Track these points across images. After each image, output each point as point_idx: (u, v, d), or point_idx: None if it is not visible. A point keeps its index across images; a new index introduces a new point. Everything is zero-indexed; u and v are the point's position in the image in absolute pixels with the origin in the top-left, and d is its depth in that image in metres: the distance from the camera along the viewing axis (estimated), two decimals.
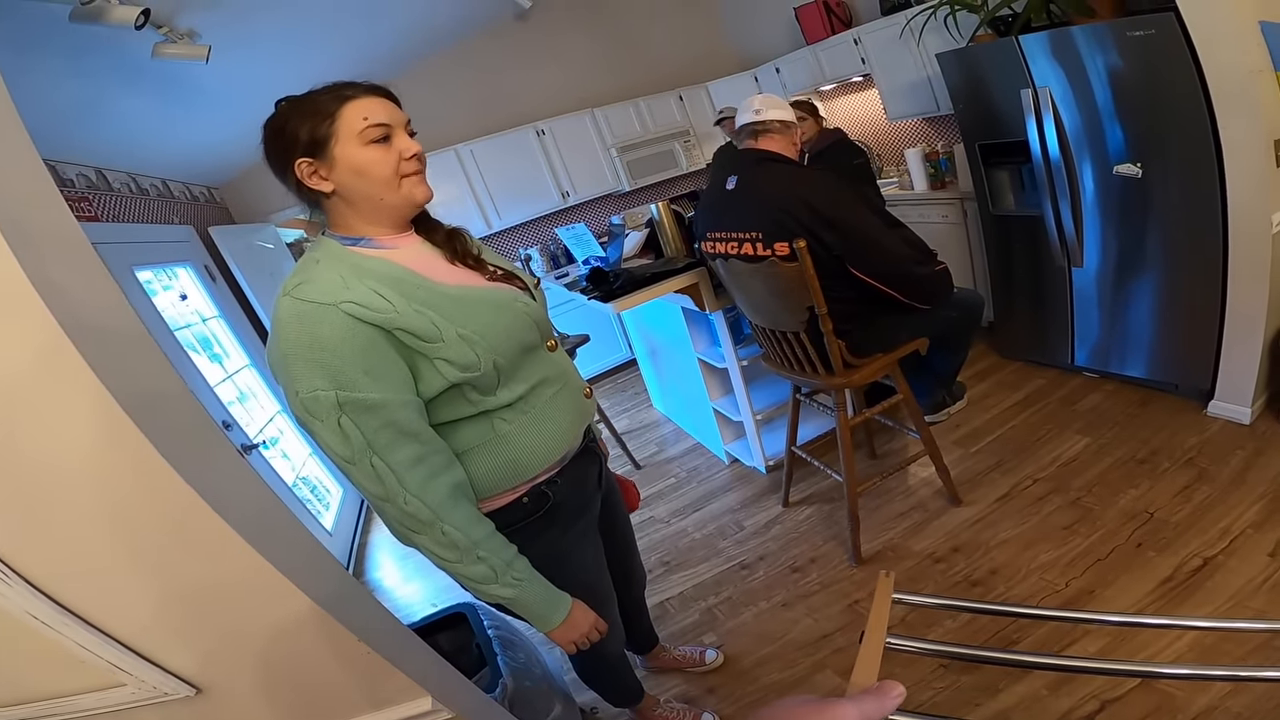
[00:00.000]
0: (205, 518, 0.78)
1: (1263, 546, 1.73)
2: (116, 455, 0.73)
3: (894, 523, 2.26)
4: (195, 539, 0.80)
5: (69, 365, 0.68)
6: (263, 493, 0.94)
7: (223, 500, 0.80)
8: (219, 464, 0.88)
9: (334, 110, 0.92)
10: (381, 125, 0.94)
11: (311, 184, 0.94)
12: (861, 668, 0.57)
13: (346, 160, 0.93)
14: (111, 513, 0.77)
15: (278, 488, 2.86)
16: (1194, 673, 0.73)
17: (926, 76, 3.41)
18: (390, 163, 0.94)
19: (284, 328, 0.86)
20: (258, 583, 0.84)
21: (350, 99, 0.93)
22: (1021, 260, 2.84)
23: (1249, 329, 2.12)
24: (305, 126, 0.92)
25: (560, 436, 1.10)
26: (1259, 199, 1.96)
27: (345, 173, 0.94)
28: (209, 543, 0.80)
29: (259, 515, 0.90)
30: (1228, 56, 1.86)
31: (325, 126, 0.92)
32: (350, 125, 0.92)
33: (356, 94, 0.94)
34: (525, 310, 1.04)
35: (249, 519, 0.84)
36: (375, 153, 0.93)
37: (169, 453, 0.74)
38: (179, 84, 2.53)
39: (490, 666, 1.54)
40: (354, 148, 0.92)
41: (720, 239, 2.01)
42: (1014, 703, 1.50)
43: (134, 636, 0.84)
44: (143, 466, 0.74)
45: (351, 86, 0.95)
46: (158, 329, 2.51)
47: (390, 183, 0.95)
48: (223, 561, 0.82)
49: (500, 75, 4.55)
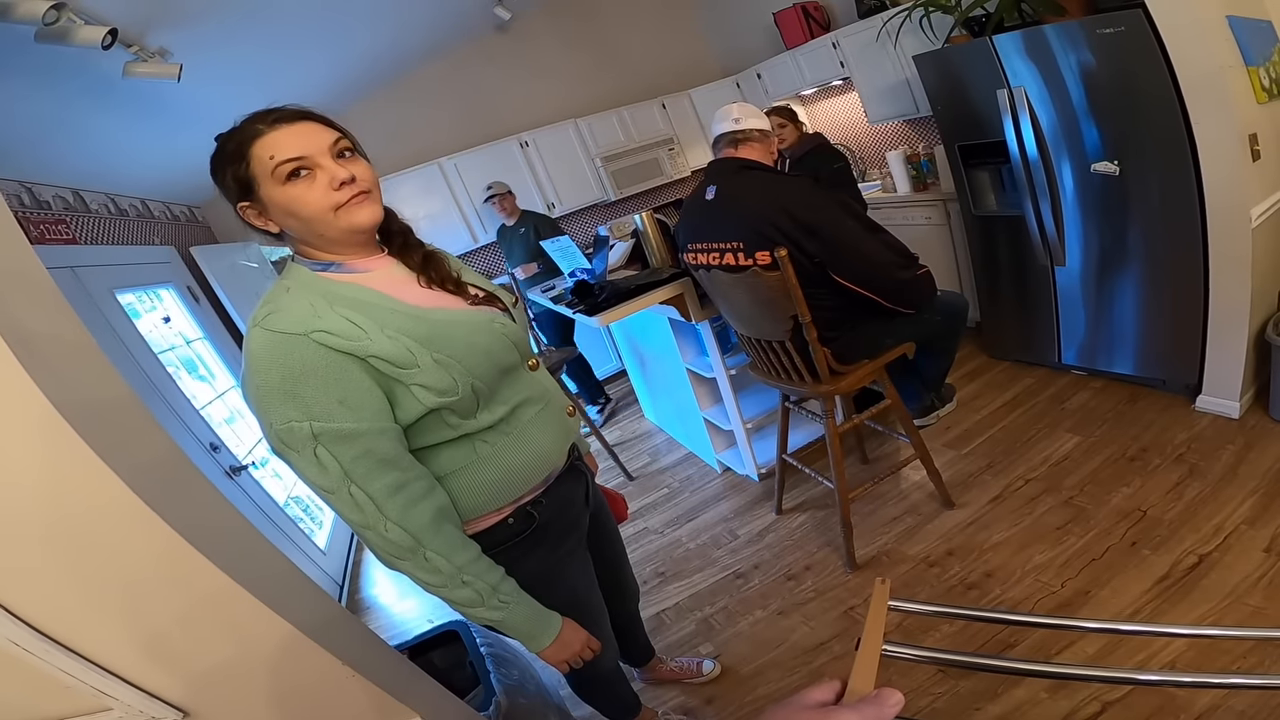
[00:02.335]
0: (179, 547, 0.78)
1: (1257, 543, 1.72)
2: (74, 478, 0.73)
3: (887, 527, 2.25)
4: (171, 569, 0.80)
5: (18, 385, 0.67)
6: (238, 522, 0.94)
7: (195, 529, 0.80)
8: (192, 495, 0.88)
9: (246, 152, 0.87)
10: (291, 160, 0.86)
11: (259, 225, 0.92)
12: (859, 675, 0.56)
13: (273, 202, 0.88)
14: (80, 542, 0.77)
15: (269, 508, 2.83)
16: (1191, 680, 0.73)
17: (905, 79, 3.43)
18: (316, 197, 0.88)
19: (255, 360, 0.84)
20: (236, 609, 0.84)
21: (258, 136, 0.86)
22: (1005, 260, 2.85)
23: (1233, 323, 2.13)
24: (228, 171, 0.88)
25: (544, 456, 1.09)
26: (1236, 194, 1.97)
27: (278, 214, 0.90)
28: (185, 572, 0.80)
29: (234, 543, 0.90)
30: (1197, 52, 1.87)
31: (243, 170, 0.87)
32: (262, 165, 0.86)
33: (265, 129, 0.87)
34: (503, 331, 1.03)
35: (223, 547, 0.84)
36: (296, 189, 0.87)
37: (138, 486, 0.74)
38: (153, 103, 2.51)
39: (484, 684, 1.52)
40: (274, 188, 0.87)
41: (702, 250, 2.00)
42: (1013, 706, 1.49)
43: (117, 662, 0.83)
44: (110, 499, 0.74)
45: (265, 116, 0.88)
46: (140, 353, 2.48)
47: (321, 217, 0.89)
48: (197, 588, 0.82)
49: (482, 88, 4.56)
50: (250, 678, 0.92)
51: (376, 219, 0.95)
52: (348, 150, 0.94)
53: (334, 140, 0.91)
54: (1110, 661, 1.52)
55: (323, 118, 0.93)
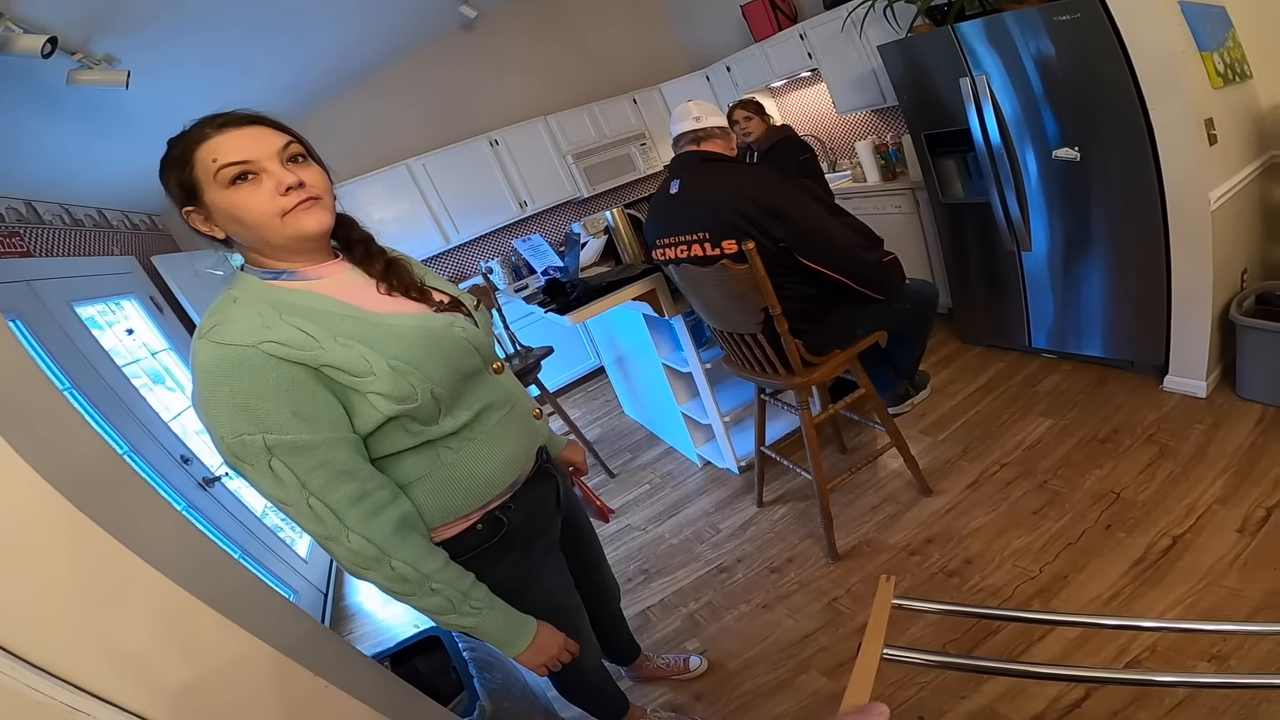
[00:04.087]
0: (135, 566, 0.78)
1: (1230, 523, 1.75)
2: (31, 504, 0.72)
3: (867, 517, 2.27)
4: (128, 589, 0.80)
5: None
6: (196, 539, 0.92)
7: (151, 548, 0.80)
8: (147, 515, 0.86)
9: (189, 156, 0.85)
10: (235, 164, 0.84)
11: (205, 231, 0.90)
12: (855, 686, 0.55)
13: (218, 207, 0.86)
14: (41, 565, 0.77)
15: (246, 518, 2.78)
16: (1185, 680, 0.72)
17: (872, 69, 3.45)
18: (260, 202, 0.86)
19: (202, 373, 0.82)
20: (198, 625, 0.84)
21: (203, 140, 0.85)
22: (974, 246, 2.88)
23: (1196, 304, 2.17)
24: (173, 176, 0.86)
25: (510, 461, 1.08)
26: (1195, 177, 2.00)
27: (223, 219, 0.88)
28: (140, 591, 0.80)
29: (192, 559, 0.90)
30: (1151, 38, 1.90)
31: (188, 174, 0.85)
32: (206, 170, 0.85)
33: (212, 133, 0.85)
34: (463, 335, 1.00)
35: (178, 563, 0.84)
36: (241, 194, 0.85)
37: (88, 507, 0.74)
38: (104, 110, 2.43)
39: (467, 689, 1.51)
40: (219, 193, 0.85)
41: (670, 244, 2.00)
42: (1000, 693, 1.50)
43: (85, 679, 0.82)
44: (62, 519, 0.74)
45: (212, 121, 0.86)
46: (104, 366, 2.41)
47: (267, 223, 0.87)
48: (159, 607, 0.82)
49: (449, 87, 4.50)
50: (223, 692, 0.90)
51: (325, 225, 0.93)
52: (300, 156, 0.92)
53: (284, 144, 0.89)
54: (1090, 646, 1.53)
55: (274, 122, 0.91)
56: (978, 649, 1.64)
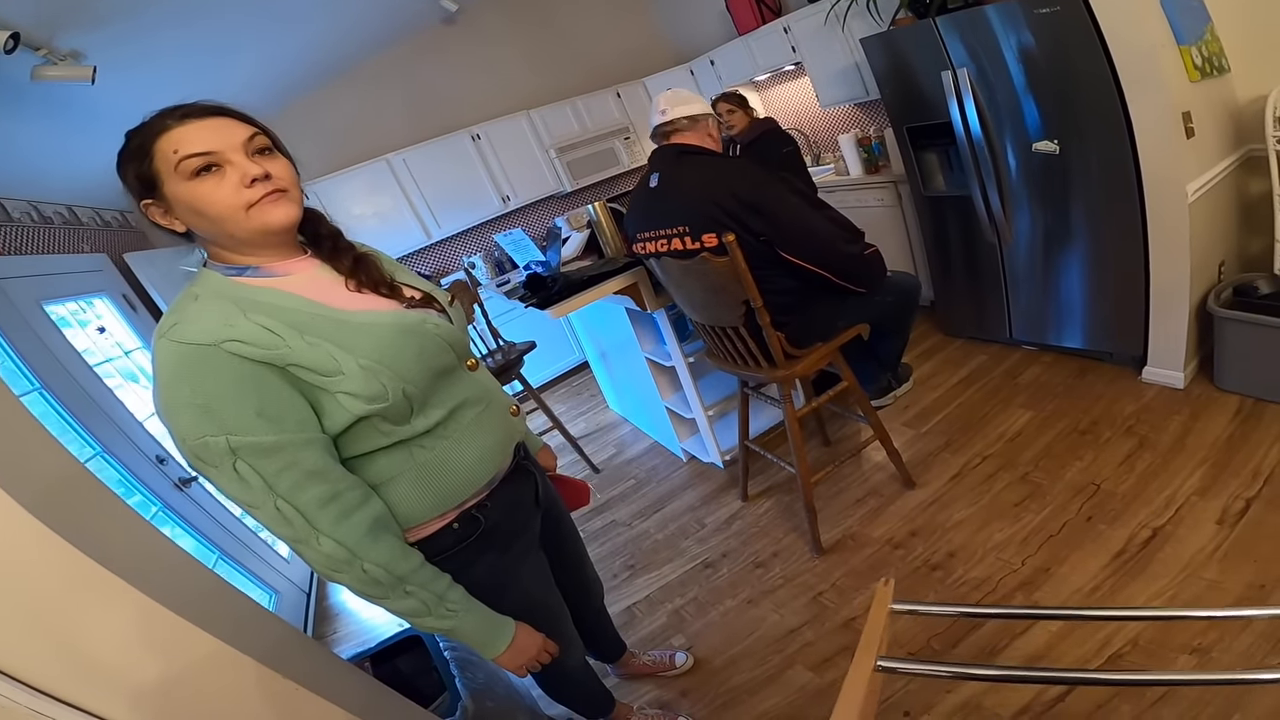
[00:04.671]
0: (95, 572, 0.77)
1: (1209, 514, 1.76)
2: None
3: (851, 510, 2.27)
4: (89, 595, 0.79)
5: None
6: (159, 544, 0.90)
7: (110, 554, 0.79)
8: (107, 521, 0.84)
9: (149, 147, 0.82)
10: (199, 155, 0.82)
11: (165, 225, 0.87)
12: (844, 704, 0.51)
13: (179, 200, 0.84)
14: None
15: (224, 518, 2.74)
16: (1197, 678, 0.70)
17: (855, 62, 3.44)
18: (225, 195, 0.84)
19: (162, 374, 0.80)
20: (161, 630, 0.83)
21: (164, 131, 0.82)
22: (955, 239, 2.89)
23: (1174, 295, 2.19)
24: (130, 167, 0.84)
25: (486, 459, 1.05)
26: (1173, 170, 2.01)
27: (184, 212, 0.85)
28: (101, 597, 0.79)
29: (153, 564, 0.89)
30: (1130, 32, 1.91)
31: (146, 166, 0.83)
32: (166, 161, 0.82)
33: (173, 123, 0.83)
34: (436, 332, 0.98)
35: (139, 568, 0.83)
36: (204, 186, 0.83)
37: (46, 515, 0.74)
38: (73, 106, 2.37)
39: (449, 689, 1.49)
40: (180, 185, 0.83)
41: (650, 238, 1.99)
42: (984, 688, 1.50)
43: (49, 683, 0.80)
44: (20, 527, 0.73)
45: (174, 112, 0.84)
46: (75, 366, 2.36)
47: (232, 216, 0.85)
48: (121, 613, 0.81)
49: (431, 81, 4.44)
50: (193, 695, 0.89)
51: (292, 219, 0.90)
52: (266, 148, 0.89)
53: (249, 136, 0.87)
54: (1073, 639, 1.54)
55: (238, 113, 0.89)
56: (962, 642, 1.65)
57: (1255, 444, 1.94)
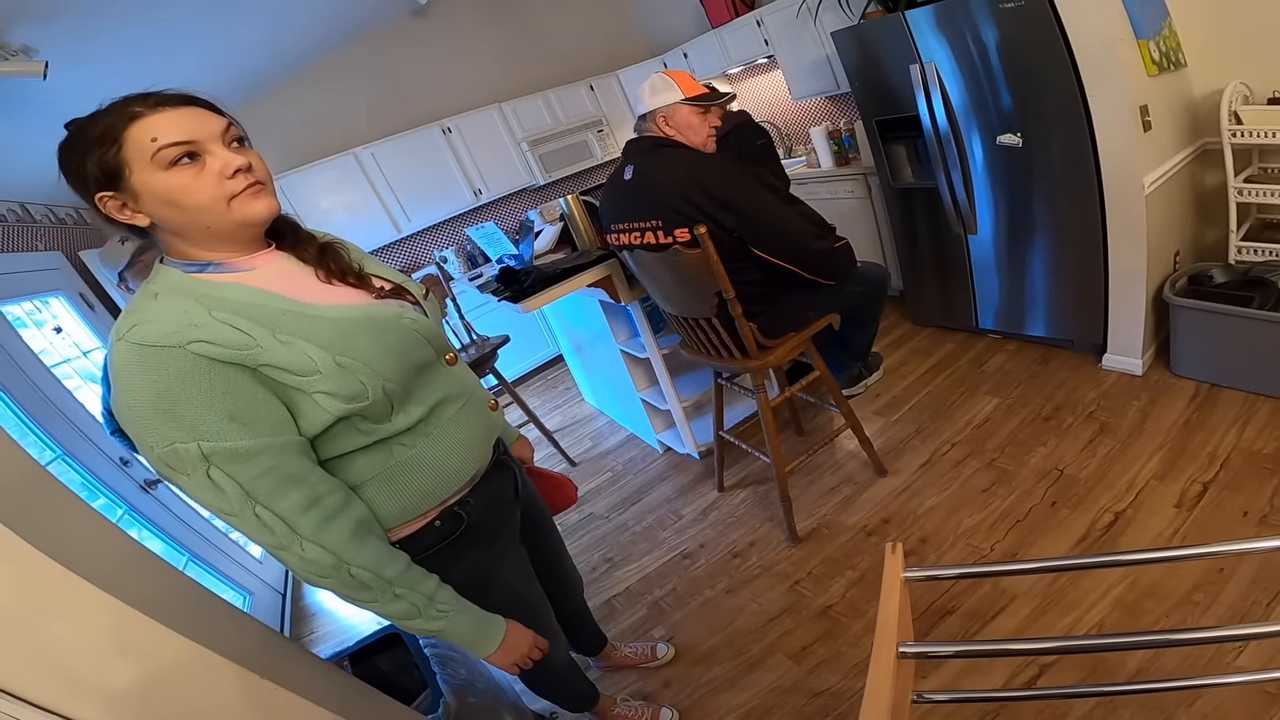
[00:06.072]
0: (58, 573, 0.75)
1: (1168, 498, 1.81)
2: None
3: (825, 498, 2.30)
4: (54, 597, 0.76)
5: None
6: (124, 544, 0.88)
7: (72, 555, 0.77)
8: (68, 521, 0.82)
9: (119, 134, 0.77)
10: (178, 145, 0.78)
11: (122, 219, 0.82)
12: (872, 697, 0.48)
13: (150, 190, 0.79)
14: None
15: (193, 519, 2.68)
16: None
17: (826, 55, 3.47)
18: (206, 186, 0.80)
19: (123, 378, 0.75)
20: (131, 631, 0.81)
21: (137, 117, 0.77)
22: (923, 230, 2.94)
23: (1132, 285, 2.25)
24: (92, 156, 0.77)
25: (468, 455, 1.04)
26: (1130, 162, 2.07)
27: (154, 204, 0.80)
28: (66, 599, 0.77)
29: (119, 564, 0.87)
30: (1090, 26, 1.95)
31: (113, 154, 0.77)
32: (140, 150, 0.77)
33: (145, 110, 0.78)
34: (414, 326, 0.96)
35: (104, 569, 0.80)
36: (182, 177, 0.79)
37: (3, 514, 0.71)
38: (26, 101, 2.28)
39: (430, 686, 1.49)
40: (153, 175, 0.78)
41: (624, 230, 1.98)
42: (960, 670, 1.53)
43: (18, 687, 0.77)
44: None
45: (144, 99, 0.79)
46: (32, 368, 2.28)
47: (212, 208, 0.81)
48: (88, 615, 0.78)
49: (400, 73, 4.37)
50: (161, 698, 0.87)
51: (274, 211, 0.88)
52: (241, 138, 0.87)
53: (225, 127, 0.84)
54: (1043, 621, 1.57)
55: (211, 104, 0.85)
56: (937, 626, 1.68)
57: (1210, 429, 2.01)
